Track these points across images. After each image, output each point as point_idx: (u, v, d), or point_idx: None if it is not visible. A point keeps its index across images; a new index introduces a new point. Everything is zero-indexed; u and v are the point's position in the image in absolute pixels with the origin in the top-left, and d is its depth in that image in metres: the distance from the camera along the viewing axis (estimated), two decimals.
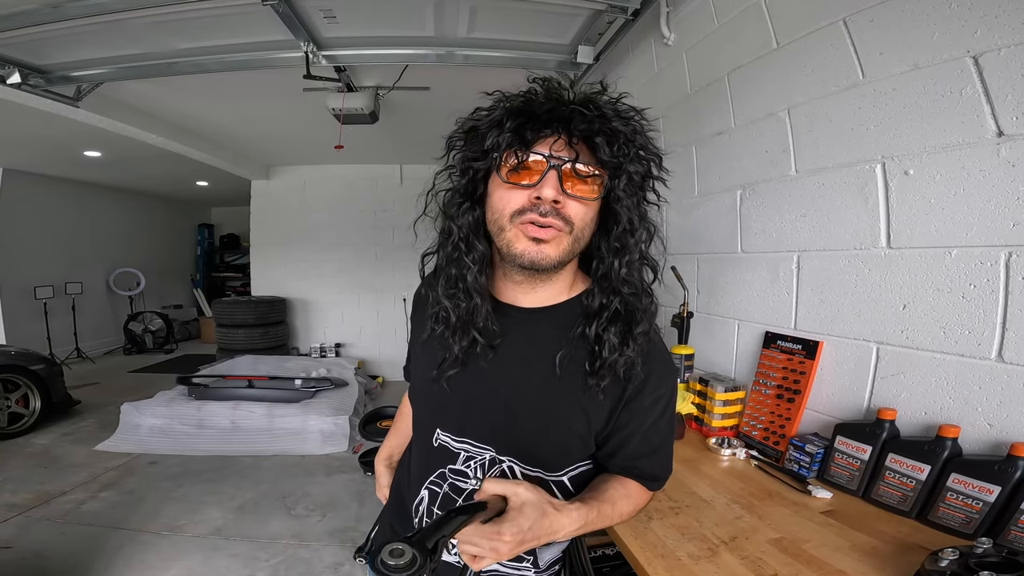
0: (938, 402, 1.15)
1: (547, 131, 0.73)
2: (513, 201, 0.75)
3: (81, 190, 7.54)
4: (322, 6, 2.34)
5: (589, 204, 0.76)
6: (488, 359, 0.83)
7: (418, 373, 0.98)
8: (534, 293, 0.85)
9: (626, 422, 0.84)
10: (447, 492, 0.89)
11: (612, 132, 0.72)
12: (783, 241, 1.58)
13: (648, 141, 0.78)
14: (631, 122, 0.75)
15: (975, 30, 1.06)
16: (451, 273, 0.82)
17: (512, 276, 0.83)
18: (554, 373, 0.81)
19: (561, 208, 0.74)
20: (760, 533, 1.08)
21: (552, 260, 0.76)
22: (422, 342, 0.91)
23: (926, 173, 1.17)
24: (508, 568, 0.90)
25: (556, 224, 0.74)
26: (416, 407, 1.00)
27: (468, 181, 0.81)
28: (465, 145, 0.80)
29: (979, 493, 1.00)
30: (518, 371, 0.84)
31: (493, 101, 0.77)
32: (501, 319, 0.84)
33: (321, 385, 4.78)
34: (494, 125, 0.74)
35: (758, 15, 1.64)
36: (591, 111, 0.71)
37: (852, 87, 1.33)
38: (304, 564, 2.65)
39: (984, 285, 1.07)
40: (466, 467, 0.87)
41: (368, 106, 3.56)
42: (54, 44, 2.60)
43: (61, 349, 6.96)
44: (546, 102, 0.73)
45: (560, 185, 0.73)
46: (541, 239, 0.74)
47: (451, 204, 0.83)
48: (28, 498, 3.24)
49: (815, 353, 1.43)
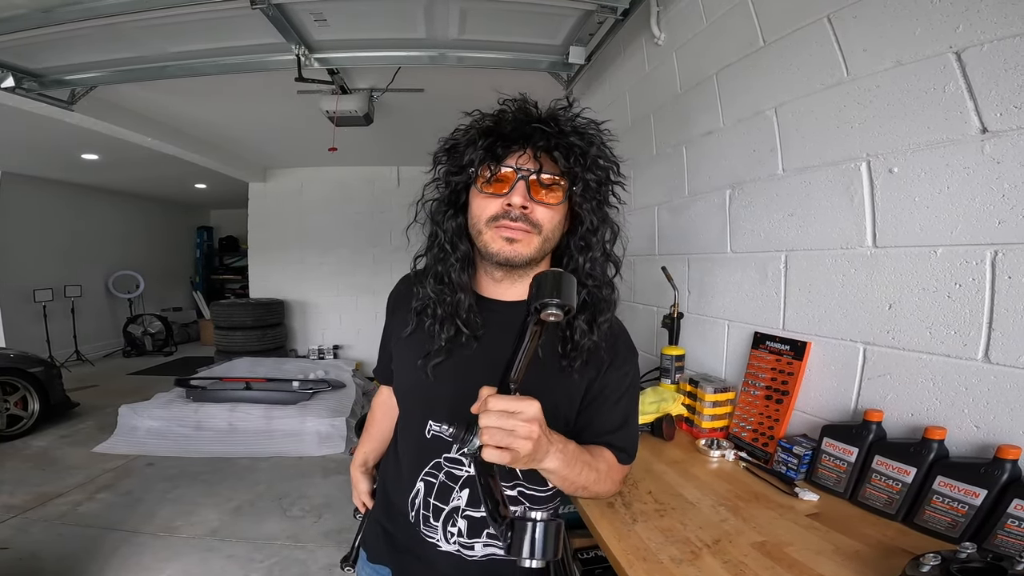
0: (924, 403, 1.14)
1: (515, 147, 0.84)
2: (488, 208, 0.86)
3: (80, 193, 7.57)
4: (312, 9, 2.34)
5: (554, 208, 0.87)
6: (473, 349, 0.91)
7: (404, 369, 1.01)
8: (513, 288, 0.95)
9: (598, 393, 0.94)
10: (443, 481, 0.94)
11: (568, 146, 0.82)
12: (771, 241, 1.57)
13: (604, 152, 0.88)
14: (587, 135, 0.85)
15: (957, 25, 1.05)
16: (438, 271, 0.93)
17: (492, 274, 0.94)
18: (537, 357, 0.86)
19: (530, 213, 0.85)
20: (744, 536, 1.07)
21: (524, 257, 0.87)
22: (405, 337, 0.98)
23: (910, 171, 1.15)
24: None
25: (526, 227, 0.85)
26: (404, 403, 1.03)
27: (451, 192, 0.92)
28: (447, 161, 0.91)
29: (965, 496, 0.99)
30: (503, 356, 0.88)
31: (471, 121, 0.89)
32: (485, 313, 0.93)
33: (318, 387, 4.79)
34: (470, 143, 0.85)
35: (745, 13, 1.63)
36: (552, 128, 0.82)
37: (837, 84, 1.32)
38: (299, 565, 2.65)
39: (970, 284, 1.06)
40: (460, 454, 0.93)
41: (362, 108, 3.56)
42: (47, 48, 2.61)
43: (61, 352, 6.99)
44: (513, 121, 0.84)
45: (528, 193, 0.84)
46: (514, 239, 0.85)
47: (438, 212, 0.94)
48: (26, 499, 3.25)
49: (803, 354, 1.42)
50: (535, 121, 0.83)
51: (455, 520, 0.93)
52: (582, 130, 0.85)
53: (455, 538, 0.93)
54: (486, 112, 0.88)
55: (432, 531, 0.95)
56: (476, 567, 0.94)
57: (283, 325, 6.71)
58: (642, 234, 2.35)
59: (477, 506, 0.93)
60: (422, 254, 0.98)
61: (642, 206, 2.36)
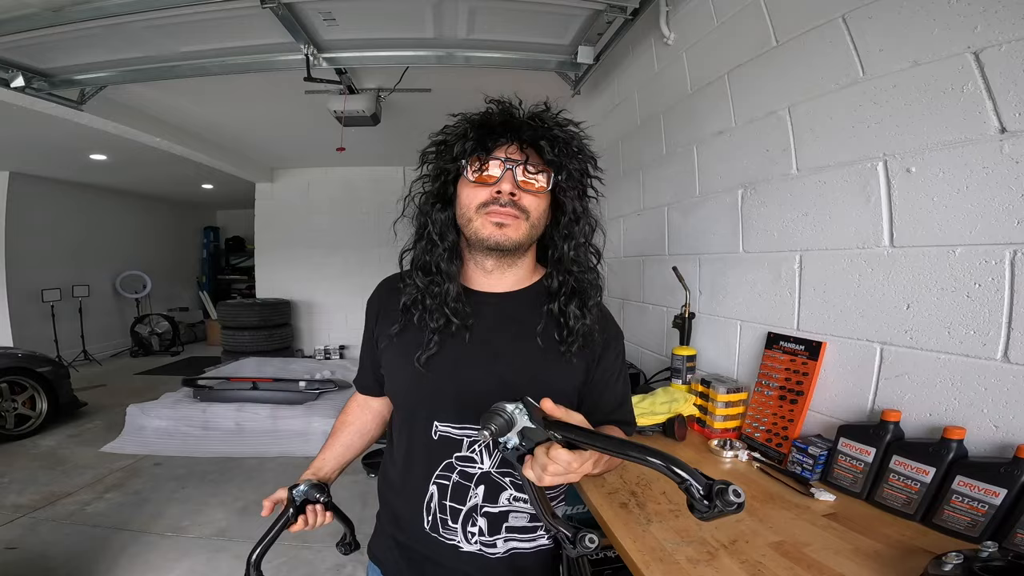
0: (943, 403, 1.13)
1: (503, 139, 0.90)
2: (478, 197, 0.91)
3: (88, 193, 7.61)
4: (321, 8, 2.34)
5: (540, 196, 0.93)
6: (467, 342, 0.94)
7: (398, 370, 1.00)
8: (504, 278, 0.99)
9: (600, 376, 1.00)
10: (457, 481, 0.94)
11: (553, 138, 0.89)
12: (785, 241, 1.56)
13: (584, 146, 0.94)
14: (568, 130, 0.92)
15: (975, 25, 1.04)
16: (426, 261, 0.96)
17: (483, 264, 0.97)
18: (538, 345, 0.94)
19: (518, 200, 0.90)
20: (761, 536, 1.07)
21: (513, 241, 0.91)
22: (395, 336, 0.98)
23: (928, 171, 1.15)
24: (526, 540, 0.97)
25: (515, 213, 0.90)
26: (404, 405, 1.03)
27: (440, 185, 0.96)
28: (437, 156, 0.96)
29: (985, 496, 0.98)
30: (507, 347, 0.95)
31: (456, 121, 0.94)
32: (475, 306, 0.96)
33: (325, 387, 4.80)
34: (460, 137, 0.90)
35: (757, 13, 1.62)
36: (536, 123, 0.89)
37: (852, 84, 1.31)
38: (307, 566, 2.66)
39: (989, 284, 1.05)
40: (471, 452, 0.93)
41: (369, 108, 3.56)
42: (56, 47, 2.62)
43: (68, 351, 7.02)
44: (500, 115, 0.90)
45: (515, 181, 0.89)
46: (503, 223, 0.90)
47: (426, 204, 0.98)
48: (34, 499, 3.27)
49: (818, 354, 1.41)
50: (519, 117, 0.90)
51: (475, 519, 0.93)
52: (563, 125, 0.92)
53: (476, 537, 0.93)
54: (468, 114, 0.94)
55: (452, 533, 0.94)
56: (500, 563, 0.94)
57: (289, 325, 6.74)
58: (651, 234, 2.34)
59: (495, 502, 0.93)
60: (409, 248, 1.01)
61: (652, 206, 2.36)
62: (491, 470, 0.93)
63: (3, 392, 4.27)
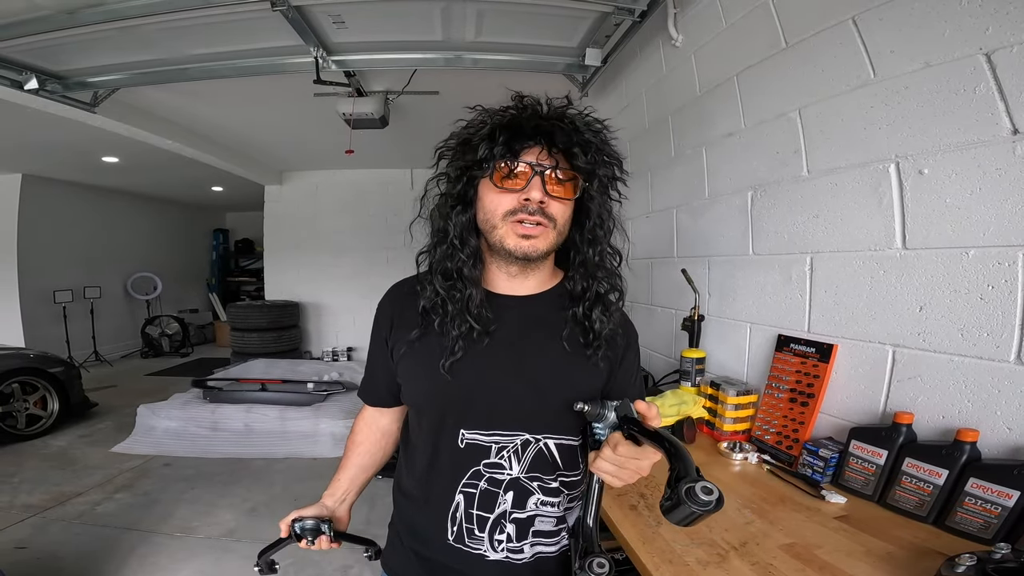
0: (956, 406, 1.13)
1: (531, 143, 0.84)
2: (504, 203, 0.86)
3: (99, 195, 7.68)
4: (331, 11, 2.36)
5: (568, 203, 0.89)
6: (489, 346, 0.90)
7: (417, 379, 0.95)
8: (526, 282, 0.95)
9: (621, 378, 0.97)
10: (485, 488, 0.91)
11: (586, 143, 0.84)
12: (796, 243, 1.56)
13: (612, 148, 0.90)
14: (599, 133, 0.88)
15: (987, 27, 1.04)
16: (447, 267, 0.91)
17: (507, 269, 0.93)
18: (564, 348, 0.91)
19: (546, 207, 0.86)
20: (771, 538, 1.07)
21: (541, 251, 0.88)
22: (414, 342, 0.93)
23: (941, 172, 1.14)
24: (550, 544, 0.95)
25: (543, 221, 0.86)
26: (427, 413, 0.96)
27: (462, 187, 0.91)
28: (458, 155, 0.90)
29: (998, 498, 0.98)
30: (534, 351, 0.92)
31: (478, 116, 0.89)
32: (498, 309, 0.92)
33: (333, 388, 4.82)
34: (485, 138, 0.85)
35: (766, 15, 1.62)
36: (567, 125, 0.84)
37: (863, 86, 1.31)
38: (315, 567, 2.67)
39: (1002, 286, 1.05)
40: (500, 458, 0.90)
41: (378, 111, 3.58)
42: (70, 50, 2.65)
43: (79, 352, 7.08)
44: (529, 118, 0.85)
45: (544, 188, 0.85)
46: (530, 235, 0.86)
47: (445, 207, 0.93)
48: (44, 499, 3.30)
49: (829, 356, 1.41)
50: (549, 118, 0.85)
51: (503, 526, 0.90)
52: (594, 128, 0.87)
53: (503, 545, 0.90)
54: (490, 108, 0.89)
55: (478, 543, 0.91)
56: (525, 568, 0.91)
57: (298, 327, 6.76)
58: (660, 236, 2.34)
59: (523, 507, 0.90)
60: (426, 250, 0.96)
61: (660, 208, 2.35)
62: (520, 475, 0.90)
63: (15, 392, 4.31)
